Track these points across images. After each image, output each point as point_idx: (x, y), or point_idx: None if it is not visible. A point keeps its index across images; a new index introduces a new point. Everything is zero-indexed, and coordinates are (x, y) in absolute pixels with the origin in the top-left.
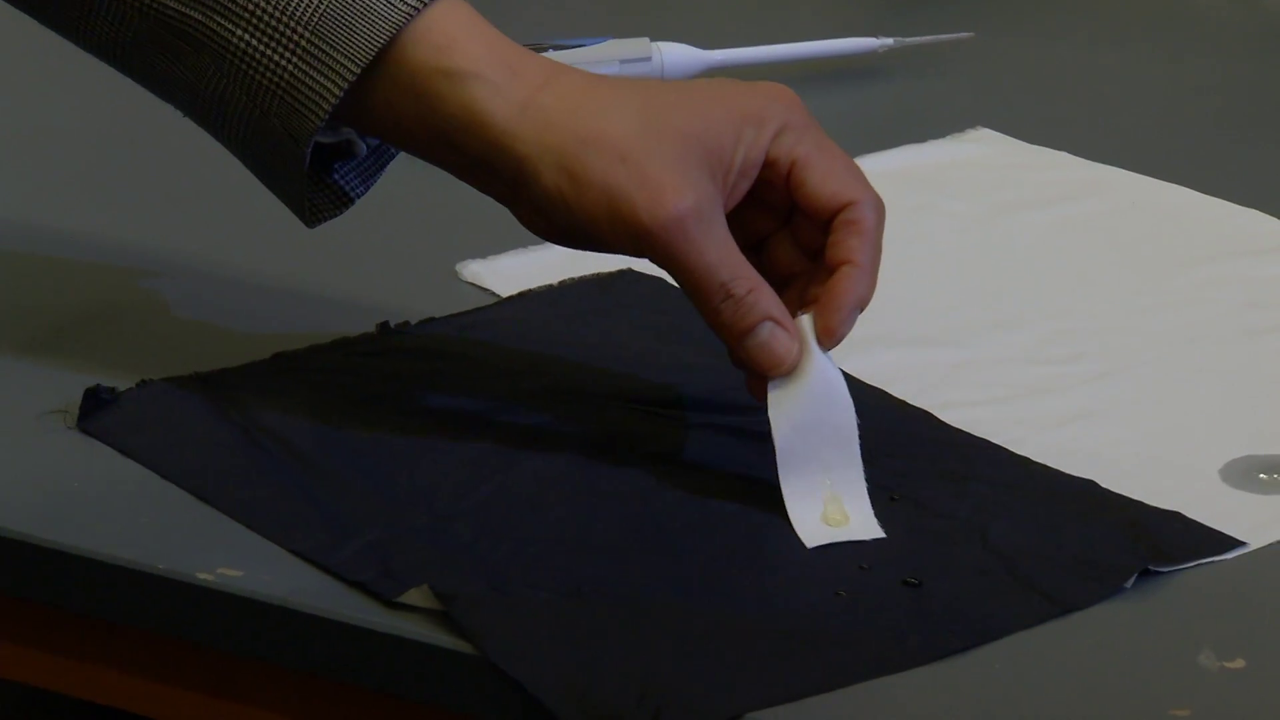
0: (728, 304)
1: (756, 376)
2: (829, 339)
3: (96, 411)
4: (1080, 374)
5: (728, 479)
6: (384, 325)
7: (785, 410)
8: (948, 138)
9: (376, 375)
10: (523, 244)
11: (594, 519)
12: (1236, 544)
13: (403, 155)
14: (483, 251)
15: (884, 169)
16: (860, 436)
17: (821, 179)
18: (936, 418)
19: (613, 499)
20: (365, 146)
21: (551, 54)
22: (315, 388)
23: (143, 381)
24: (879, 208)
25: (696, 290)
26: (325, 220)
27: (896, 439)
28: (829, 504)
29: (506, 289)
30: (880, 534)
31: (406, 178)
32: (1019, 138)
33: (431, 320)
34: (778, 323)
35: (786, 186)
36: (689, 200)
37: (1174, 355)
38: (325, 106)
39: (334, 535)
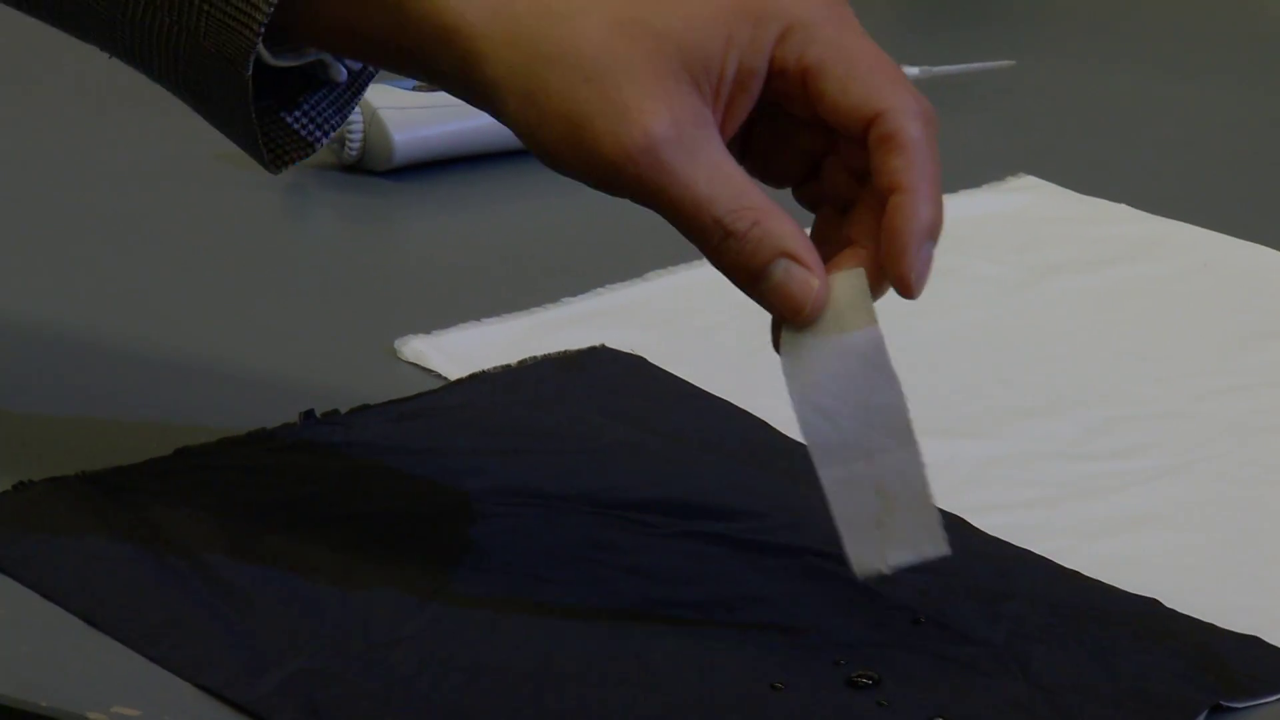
0: (729, 244)
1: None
2: (904, 286)
3: None
4: (1139, 471)
5: (718, 599)
6: (308, 414)
7: (804, 388)
8: (984, 187)
9: (300, 474)
10: (473, 316)
11: (558, 646)
12: None
13: (315, 216)
14: (426, 325)
15: None
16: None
17: (840, 88)
18: (967, 523)
19: (581, 622)
20: (345, 70)
21: None
22: (227, 489)
23: (20, 484)
24: (922, 114)
25: (689, 230)
26: (292, 163)
27: None
28: (881, 500)
29: (455, 370)
30: (946, 551)
31: (336, 237)
32: (1068, 186)
33: (365, 408)
34: (792, 258)
35: (808, 99)
36: (661, 121)
37: (1252, 447)
38: (259, 17)
39: (249, 667)
